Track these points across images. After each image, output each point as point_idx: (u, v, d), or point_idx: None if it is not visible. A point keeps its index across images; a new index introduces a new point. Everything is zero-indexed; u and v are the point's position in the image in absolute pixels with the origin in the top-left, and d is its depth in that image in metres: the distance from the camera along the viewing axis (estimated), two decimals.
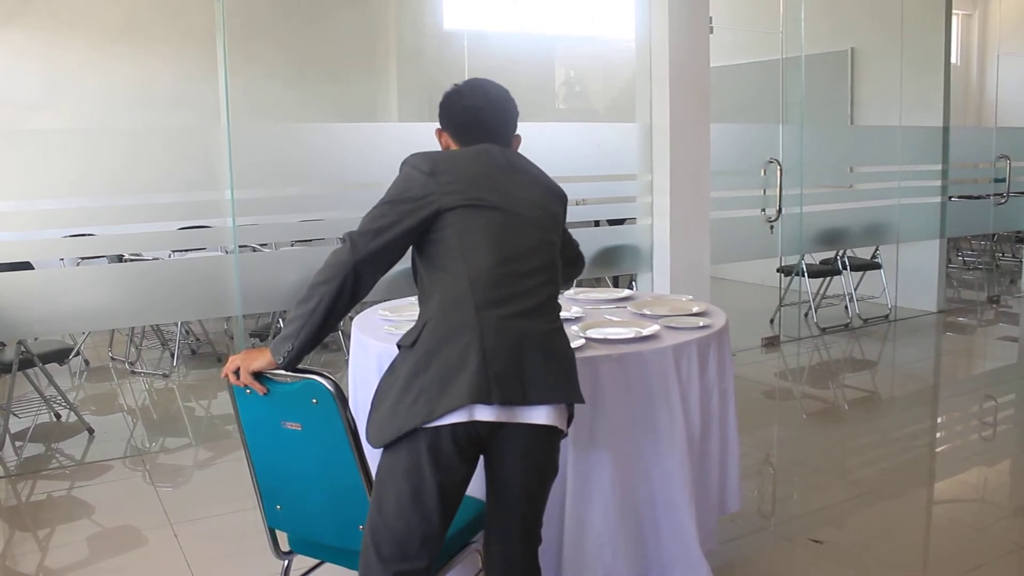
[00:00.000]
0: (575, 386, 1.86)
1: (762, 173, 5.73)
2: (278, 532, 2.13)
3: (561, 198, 2.04)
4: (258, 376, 1.87)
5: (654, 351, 2.32)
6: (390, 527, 1.77)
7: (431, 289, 1.84)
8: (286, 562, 2.17)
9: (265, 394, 1.88)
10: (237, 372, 1.87)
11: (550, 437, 1.86)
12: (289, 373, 1.85)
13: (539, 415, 1.79)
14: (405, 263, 1.94)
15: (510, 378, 1.74)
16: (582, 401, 1.88)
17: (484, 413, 1.73)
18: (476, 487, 1.92)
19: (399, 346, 1.84)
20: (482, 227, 1.82)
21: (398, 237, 1.81)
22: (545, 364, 1.79)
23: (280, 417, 1.92)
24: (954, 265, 9.27)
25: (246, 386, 1.88)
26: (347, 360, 2.98)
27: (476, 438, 1.78)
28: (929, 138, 6.80)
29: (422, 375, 1.75)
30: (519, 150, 2.06)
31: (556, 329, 1.87)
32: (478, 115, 1.99)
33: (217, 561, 2.96)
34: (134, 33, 7.07)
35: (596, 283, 6.17)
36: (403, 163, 1.90)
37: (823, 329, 6.43)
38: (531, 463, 1.86)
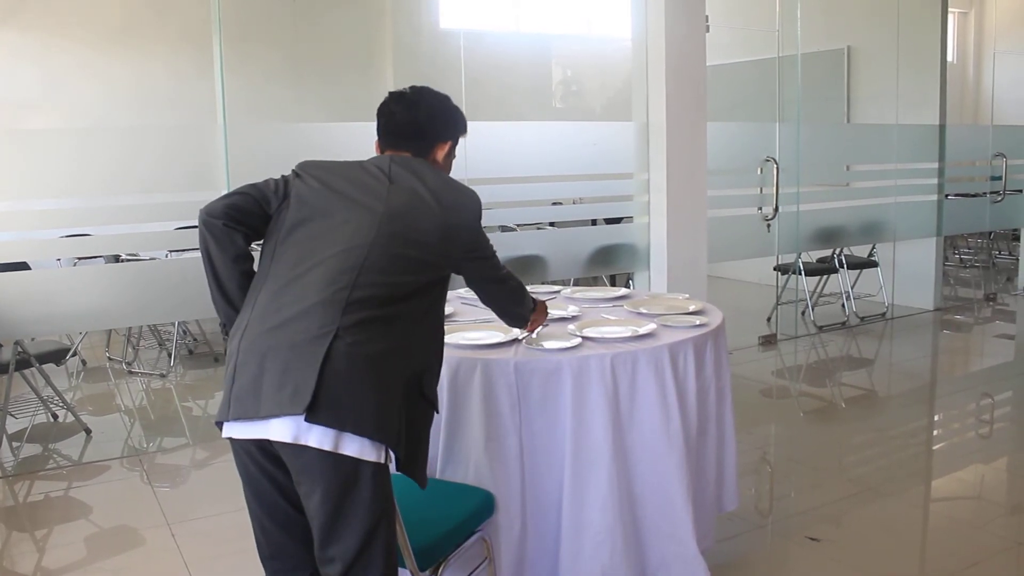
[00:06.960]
0: (309, 397, 1.63)
1: (759, 171, 5.73)
2: None
3: (450, 210, 1.88)
4: None
5: (650, 350, 2.33)
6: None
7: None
8: None
9: None
10: None
11: (301, 454, 1.68)
12: None
13: (272, 430, 1.68)
14: None
15: (248, 393, 1.70)
16: (298, 412, 1.63)
17: (231, 430, 1.77)
18: (479, 477, 1.92)
19: None
20: (293, 241, 1.83)
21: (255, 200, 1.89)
22: (281, 376, 1.66)
23: None
24: (951, 263, 9.29)
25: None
26: None
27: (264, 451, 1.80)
28: (925, 136, 6.81)
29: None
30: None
31: (321, 336, 1.67)
32: (390, 118, 2.02)
33: (215, 561, 2.96)
34: (130, 33, 7.07)
35: (593, 282, 6.17)
36: None
37: (820, 327, 6.44)
38: (301, 483, 1.73)
